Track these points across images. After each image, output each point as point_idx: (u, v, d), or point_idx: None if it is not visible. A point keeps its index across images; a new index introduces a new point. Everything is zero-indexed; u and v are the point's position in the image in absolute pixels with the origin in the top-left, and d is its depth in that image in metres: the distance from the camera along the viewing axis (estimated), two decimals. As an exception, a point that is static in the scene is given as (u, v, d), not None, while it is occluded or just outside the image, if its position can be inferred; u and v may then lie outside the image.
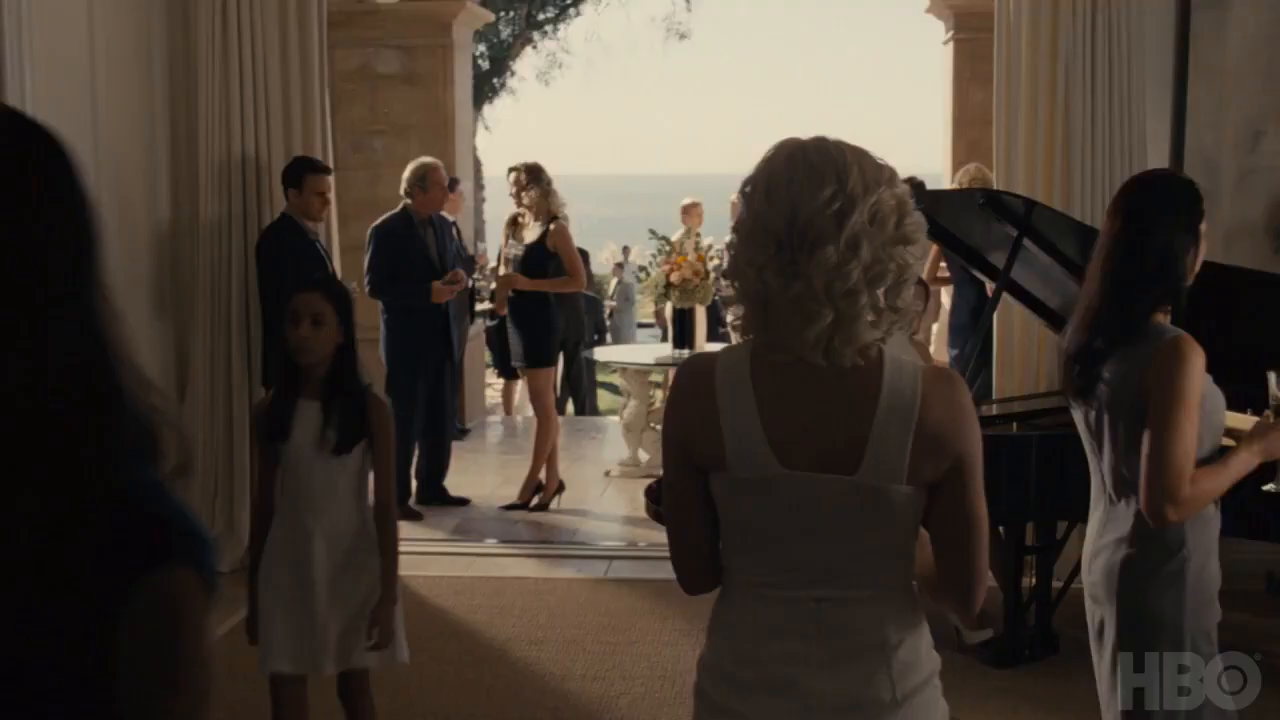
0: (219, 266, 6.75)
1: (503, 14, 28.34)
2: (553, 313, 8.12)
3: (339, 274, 6.87)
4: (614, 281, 22.30)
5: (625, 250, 24.82)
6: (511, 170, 8.13)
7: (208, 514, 6.76)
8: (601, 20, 69.46)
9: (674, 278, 8.96)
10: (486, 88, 27.01)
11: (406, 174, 7.97)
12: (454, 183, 10.38)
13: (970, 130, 10.71)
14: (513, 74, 29.73)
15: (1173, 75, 6.56)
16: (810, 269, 2.06)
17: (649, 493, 5.74)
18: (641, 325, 23.18)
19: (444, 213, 8.57)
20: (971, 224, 5.57)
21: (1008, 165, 6.49)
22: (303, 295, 3.95)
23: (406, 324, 7.96)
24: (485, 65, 28.30)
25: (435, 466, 8.34)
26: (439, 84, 10.89)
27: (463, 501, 8.33)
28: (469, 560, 7.15)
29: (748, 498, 2.20)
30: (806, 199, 2.07)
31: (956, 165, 10.60)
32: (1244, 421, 5.28)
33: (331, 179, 6.69)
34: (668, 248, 9.22)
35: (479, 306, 14.87)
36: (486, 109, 27.96)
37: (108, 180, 6.22)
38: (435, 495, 8.29)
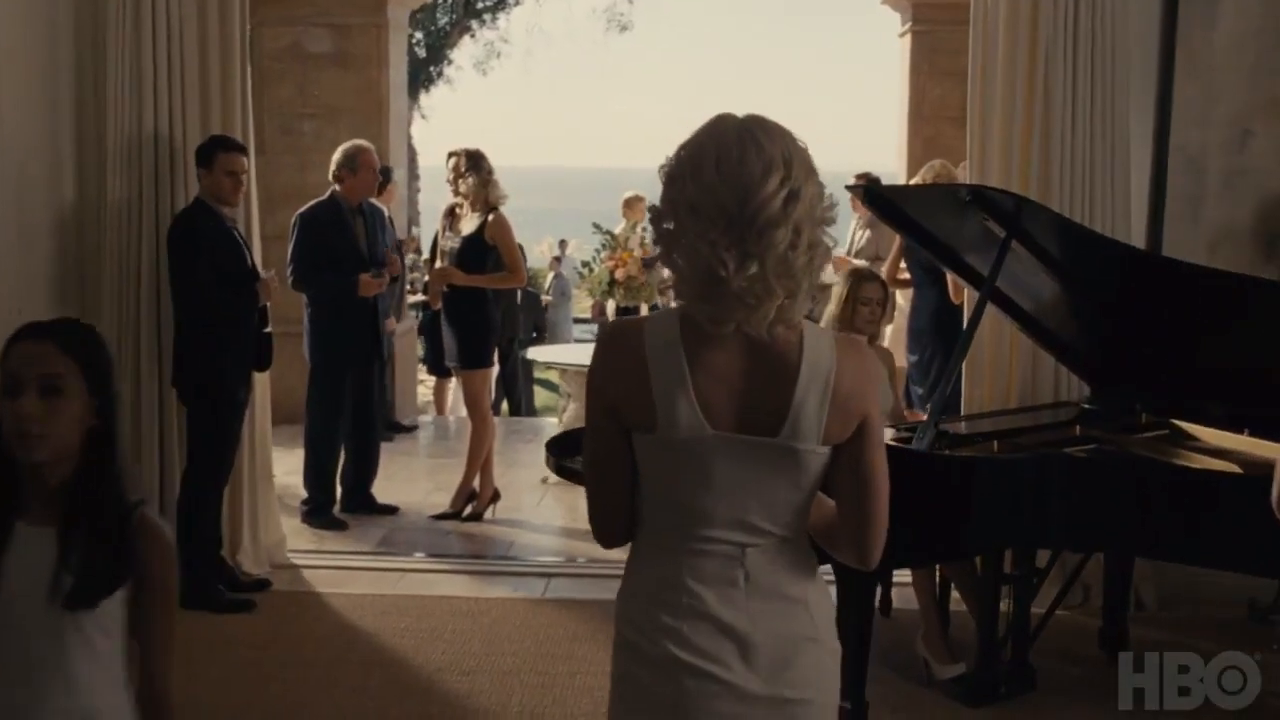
0: (127, 255, 6.13)
1: (441, 1, 27.83)
2: (490, 310, 7.61)
3: (259, 264, 6.33)
4: (550, 276, 21.80)
5: (562, 244, 24.34)
6: (451, 155, 7.60)
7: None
8: (542, 11, 68.90)
9: (619, 274, 8.50)
10: (423, 76, 26.42)
11: (335, 157, 7.43)
12: (387, 172, 9.89)
13: (927, 126, 10.34)
14: (450, 63, 29.09)
15: (1157, 70, 6.13)
16: (760, 250, 2.21)
17: (550, 446, 5.21)
18: (578, 320, 22.72)
19: (376, 201, 8.04)
20: (946, 220, 5.12)
21: (981, 165, 6.03)
22: (23, 346, 2.46)
23: (333, 319, 7.41)
24: (422, 53, 27.69)
25: (362, 472, 7.81)
26: (373, 65, 10.35)
27: (391, 510, 7.80)
28: (396, 576, 6.63)
29: (677, 457, 2.33)
30: (759, 181, 2.20)
31: (913, 162, 10.23)
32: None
33: (247, 159, 6.10)
34: (612, 243, 8.74)
35: (411, 299, 14.35)
36: (423, 98, 27.43)
37: (1, 158, 5.64)
38: (361, 503, 7.75)
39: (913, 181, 8.10)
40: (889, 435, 4.79)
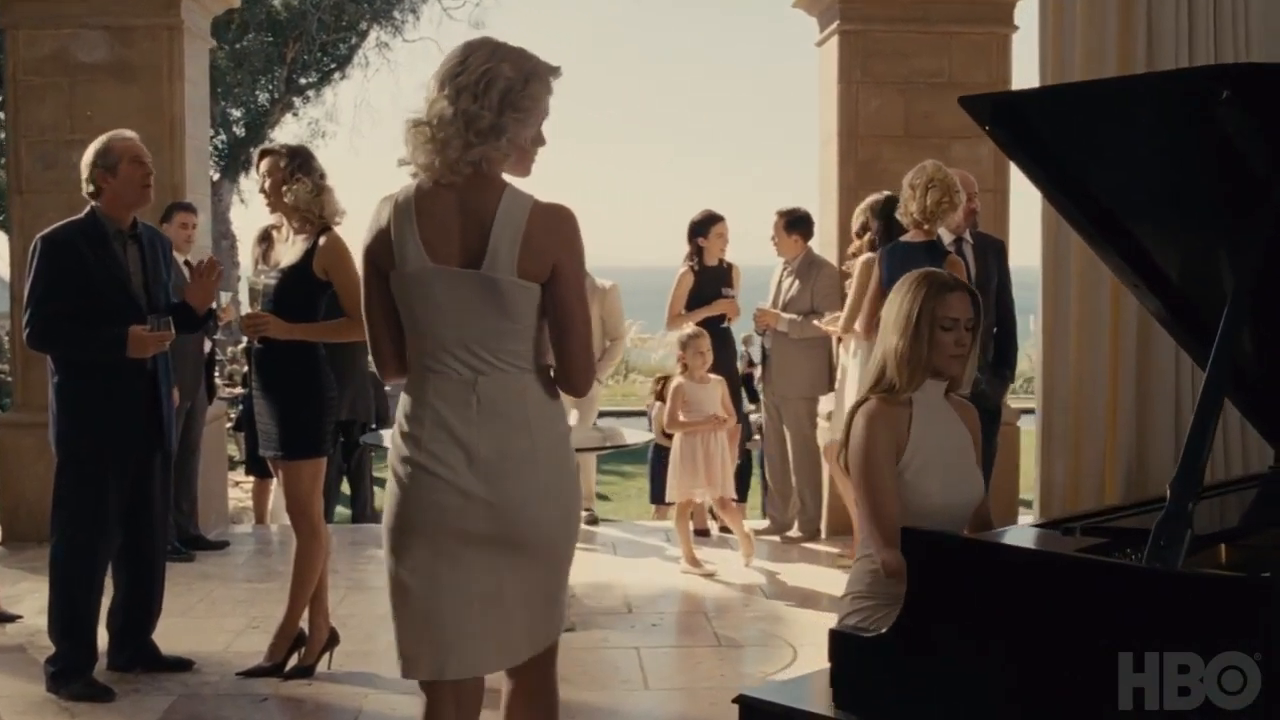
0: None
1: (261, 78, 25.73)
2: (322, 374, 5.37)
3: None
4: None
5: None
6: (264, 154, 5.40)
7: None
8: (370, 85, 66.84)
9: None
10: (243, 157, 24.20)
11: (85, 159, 5.18)
12: (177, 209, 7.61)
13: (863, 147, 8.36)
14: (272, 143, 26.80)
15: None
16: (451, 111, 3.02)
17: None
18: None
19: (154, 225, 5.76)
20: (1128, 161, 3.04)
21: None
22: None
23: (92, 390, 5.11)
24: (241, 133, 25.63)
25: (138, 611, 5.43)
26: (163, 79, 8.06)
27: (183, 665, 5.45)
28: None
29: (411, 289, 3.07)
30: (454, 70, 3.05)
31: (845, 193, 8.27)
32: None
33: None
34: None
35: (226, 390, 11.91)
36: (243, 180, 25.23)
37: None
38: (138, 657, 5.39)
39: (904, 192, 6.09)
40: (1068, 545, 2.74)
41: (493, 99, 2.98)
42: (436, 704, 3.18)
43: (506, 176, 3.09)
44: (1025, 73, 8.37)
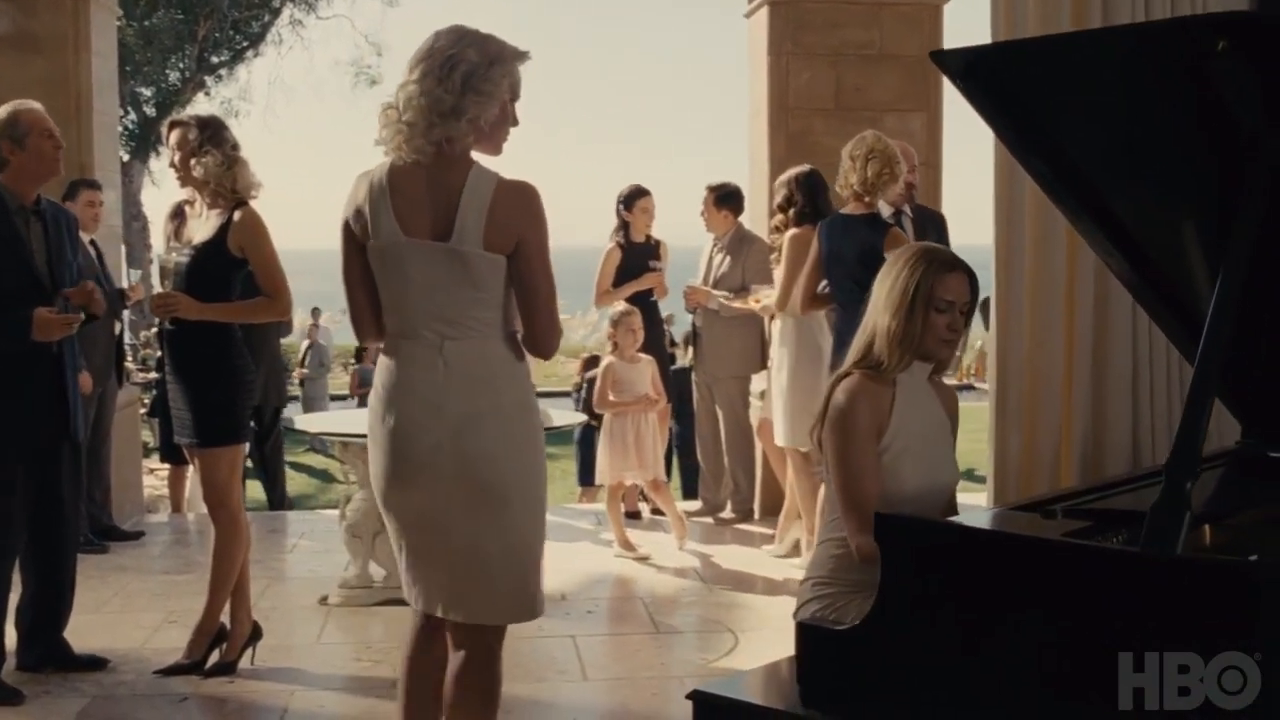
0: None
1: (171, 56, 25.15)
2: (238, 357, 5.11)
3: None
4: (305, 345, 19.13)
5: (315, 311, 21.69)
6: (174, 125, 5.13)
7: None
8: (284, 63, 66.06)
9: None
10: (154, 137, 23.62)
11: (-13, 128, 4.89)
12: (83, 186, 7.30)
13: (793, 120, 8.19)
14: (181, 114, 26.23)
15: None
16: (416, 97, 3.22)
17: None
18: (335, 397, 20.07)
19: (64, 203, 5.47)
20: (1105, 118, 2.87)
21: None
22: None
23: (-8, 378, 4.83)
24: (152, 113, 25.04)
25: (48, 608, 5.16)
26: (68, 50, 7.72)
27: (96, 664, 5.18)
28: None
29: (386, 260, 3.31)
30: (418, 62, 3.25)
31: (775, 164, 8.10)
32: None
33: None
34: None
35: (140, 375, 11.58)
36: (154, 161, 24.64)
37: None
38: (49, 655, 5.12)
39: (843, 164, 5.91)
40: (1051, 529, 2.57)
41: (455, 82, 3.19)
42: (423, 628, 3.54)
43: (476, 155, 3.31)
44: (957, 44, 8.24)
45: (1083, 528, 2.47)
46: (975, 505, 3.95)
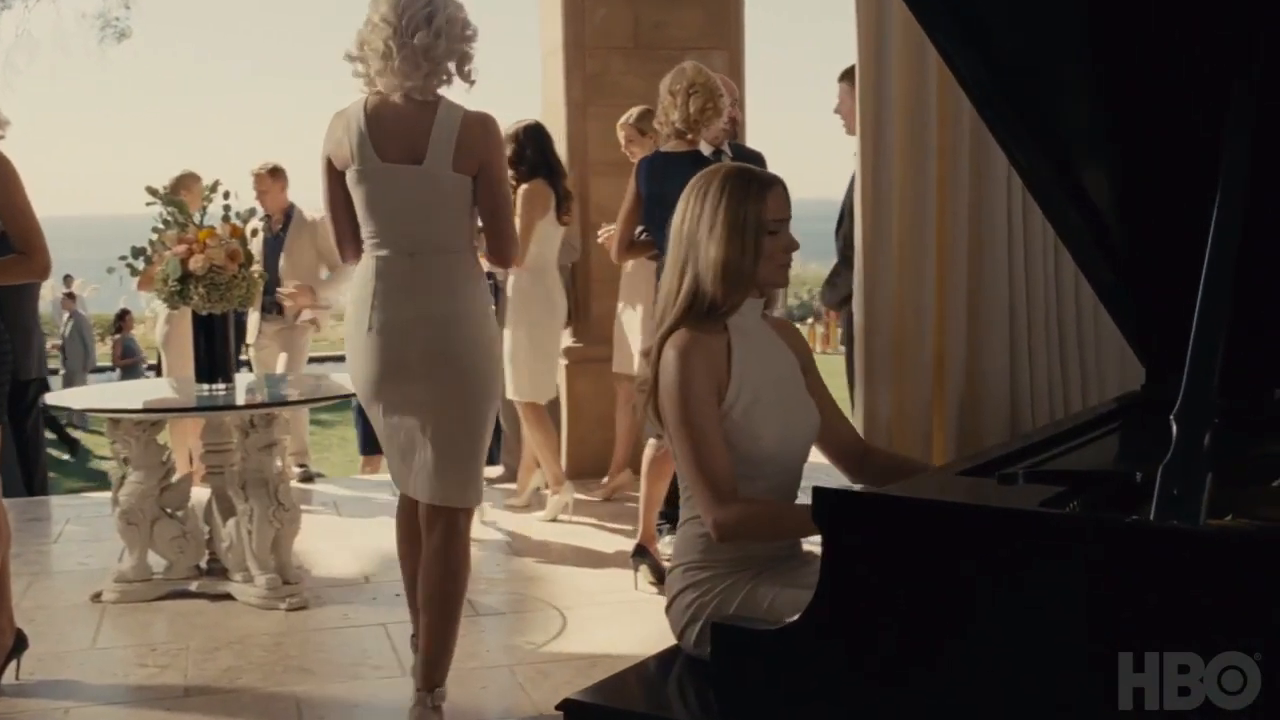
0: None
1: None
2: (-13, 326, 4.42)
3: None
4: (66, 318, 17.92)
5: (68, 279, 20.39)
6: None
7: None
8: (31, 16, 62.94)
9: (195, 264, 5.46)
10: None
11: None
12: None
13: (591, 60, 7.73)
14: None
15: None
16: (412, 42, 3.67)
17: None
18: (98, 370, 18.86)
19: None
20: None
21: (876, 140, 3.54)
22: None
23: None
24: None
25: None
26: None
27: None
28: None
29: (364, 184, 3.73)
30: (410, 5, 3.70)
31: (572, 107, 7.66)
32: None
33: None
34: (179, 217, 5.66)
35: None
36: None
37: None
38: None
39: (662, 100, 5.48)
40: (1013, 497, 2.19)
41: (439, 29, 3.69)
42: (408, 508, 4.04)
43: (443, 91, 3.76)
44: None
45: (1057, 494, 2.08)
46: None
